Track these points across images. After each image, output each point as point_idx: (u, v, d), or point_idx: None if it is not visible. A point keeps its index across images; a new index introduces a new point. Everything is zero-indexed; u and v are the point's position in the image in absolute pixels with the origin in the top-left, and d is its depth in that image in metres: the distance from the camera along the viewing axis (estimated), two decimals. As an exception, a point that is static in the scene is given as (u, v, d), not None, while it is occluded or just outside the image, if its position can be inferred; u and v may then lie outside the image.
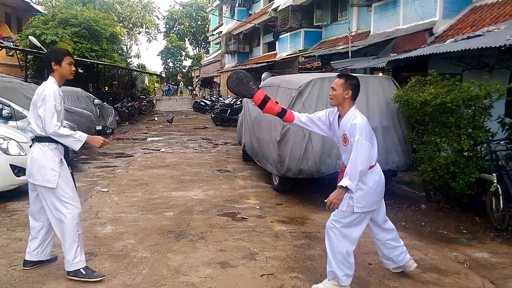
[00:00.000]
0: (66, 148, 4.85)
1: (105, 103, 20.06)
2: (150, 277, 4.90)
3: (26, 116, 10.40)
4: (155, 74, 67.22)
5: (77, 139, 4.63)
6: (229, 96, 34.02)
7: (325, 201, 4.27)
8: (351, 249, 4.49)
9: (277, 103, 4.74)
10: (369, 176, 4.38)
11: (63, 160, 4.77)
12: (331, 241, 4.48)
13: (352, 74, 8.44)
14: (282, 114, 4.70)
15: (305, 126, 4.79)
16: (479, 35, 10.74)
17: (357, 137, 4.19)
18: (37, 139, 4.70)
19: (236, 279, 4.90)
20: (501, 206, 6.54)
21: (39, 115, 4.55)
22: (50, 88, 4.60)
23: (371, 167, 4.39)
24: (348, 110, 4.42)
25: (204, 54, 75.93)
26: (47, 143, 4.67)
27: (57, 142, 4.69)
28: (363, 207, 4.38)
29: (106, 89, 33.04)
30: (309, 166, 7.83)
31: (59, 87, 4.76)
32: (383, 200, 4.71)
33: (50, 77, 4.72)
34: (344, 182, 4.16)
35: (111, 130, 19.29)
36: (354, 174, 4.15)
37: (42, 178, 4.66)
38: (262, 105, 4.69)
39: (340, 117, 4.52)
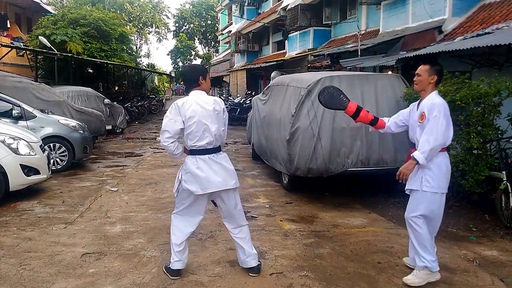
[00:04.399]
0: None
1: (115, 103, 20.13)
2: (159, 276, 4.92)
3: (36, 116, 10.49)
4: (164, 74, 67.36)
5: None
6: (238, 95, 34.02)
7: (396, 174, 4.61)
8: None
9: (368, 112, 5.06)
10: (443, 160, 4.59)
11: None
12: (415, 232, 4.69)
13: (364, 71, 8.45)
14: (374, 121, 5.06)
15: (394, 130, 5.18)
16: (489, 33, 10.69)
17: (435, 113, 4.41)
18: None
19: (245, 278, 4.91)
20: (511, 204, 6.50)
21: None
22: None
23: (443, 149, 4.56)
24: (429, 94, 4.63)
25: (214, 53, 76.04)
26: None
27: None
28: (433, 187, 4.55)
29: (116, 89, 33.13)
30: (318, 165, 7.82)
31: None
32: None
33: None
34: (415, 153, 4.43)
35: (121, 129, 19.37)
36: (425, 149, 4.39)
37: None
38: (356, 115, 5.00)
39: (420, 102, 4.76)
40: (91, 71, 28.92)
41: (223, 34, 55.73)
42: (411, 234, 4.76)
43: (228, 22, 51.43)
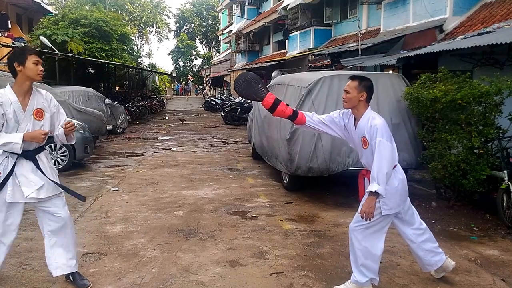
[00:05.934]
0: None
1: (115, 103, 20.11)
2: (159, 276, 4.92)
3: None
4: (165, 74, 67.36)
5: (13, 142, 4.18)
6: (239, 95, 34.02)
7: (358, 213, 4.22)
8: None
9: (288, 105, 4.54)
10: (393, 176, 4.26)
11: None
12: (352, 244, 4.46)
13: (363, 74, 8.42)
14: (293, 117, 4.49)
15: (317, 127, 4.59)
16: (490, 32, 10.67)
17: (378, 139, 4.09)
18: None
19: (245, 278, 4.91)
20: (512, 204, 6.50)
21: None
22: None
23: (393, 167, 4.27)
24: (364, 112, 4.30)
25: (215, 53, 76.13)
26: None
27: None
28: (391, 208, 4.27)
29: (117, 89, 33.16)
30: (318, 164, 7.81)
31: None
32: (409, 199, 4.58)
33: None
34: (372, 187, 4.04)
35: (122, 129, 19.36)
36: (381, 178, 4.04)
37: None
38: (272, 108, 4.46)
39: (355, 119, 4.39)
40: (92, 71, 28.92)
41: (223, 33, 55.81)
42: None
43: (229, 21, 51.47)
